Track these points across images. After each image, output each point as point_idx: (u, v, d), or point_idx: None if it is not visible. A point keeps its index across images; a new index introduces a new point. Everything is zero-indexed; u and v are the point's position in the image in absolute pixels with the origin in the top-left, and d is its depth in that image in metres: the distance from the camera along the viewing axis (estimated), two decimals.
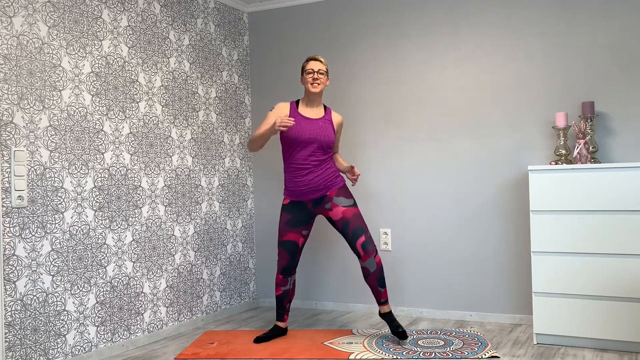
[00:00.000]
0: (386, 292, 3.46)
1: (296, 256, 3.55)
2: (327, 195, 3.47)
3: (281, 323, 3.65)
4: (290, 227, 3.52)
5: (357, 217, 3.44)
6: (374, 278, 3.42)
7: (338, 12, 4.40)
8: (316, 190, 3.45)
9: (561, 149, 3.53)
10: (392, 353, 3.25)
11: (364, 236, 3.41)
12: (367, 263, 3.41)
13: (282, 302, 3.63)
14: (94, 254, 3.32)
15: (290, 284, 3.62)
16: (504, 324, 3.86)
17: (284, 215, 3.55)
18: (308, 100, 3.52)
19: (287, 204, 3.55)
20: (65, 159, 3.17)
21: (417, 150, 4.13)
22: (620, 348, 3.23)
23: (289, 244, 3.53)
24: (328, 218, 3.50)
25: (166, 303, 3.80)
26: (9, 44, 2.91)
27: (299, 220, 3.52)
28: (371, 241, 3.43)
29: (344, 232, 3.44)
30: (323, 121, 3.49)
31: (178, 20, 3.99)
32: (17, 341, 2.90)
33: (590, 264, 3.26)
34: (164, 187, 3.81)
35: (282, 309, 3.63)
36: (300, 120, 3.47)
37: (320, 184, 3.44)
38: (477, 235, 3.96)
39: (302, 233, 3.54)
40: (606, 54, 3.61)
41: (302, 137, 3.42)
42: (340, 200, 3.46)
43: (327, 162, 3.50)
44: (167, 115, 3.86)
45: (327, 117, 3.53)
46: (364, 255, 3.40)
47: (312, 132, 3.43)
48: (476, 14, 3.96)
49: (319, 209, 3.51)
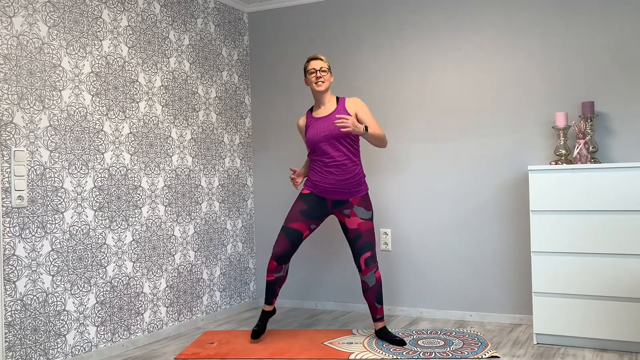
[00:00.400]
0: (382, 309, 3.49)
1: (296, 246, 3.50)
2: (350, 201, 3.46)
3: (268, 306, 3.59)
4: (302, 216, 3.47)
5: (370, 233, 3.45)
6: (372, 293, 3.44)
7: (338, 12, 4.40)
8: (341, 192, 3.43)
9: (561, 149, 3.53)
10: (392, 353, 3.25)
11: (370, 252, 3.43)
12: (367, 277, 3.43)
13: (273, 287, 3.56)
14: (94, 254, 3.32)
15: (284, 271, 3.55)
16: (504, 324, 3.86)
17: (299, 203, 3.51)
18: (317, 100, 3.53)
19: (306, 194, 3.51)
20: (65, 159, 3.17)
21: (417, 150, 4.13)
22: (620, 348, 3.23)
23: (293, 231, 3.48)
24: (342, 223, 3.50)
25: (166, 303, 3.80)
26: (9, 44, 2.91)
27: (313, 214, 3.49)
28: (374, 258, 3.45)
29: (352, 242, 3.45)
30: (336, 113, 3.45)
31: (178, 20, 3.99)
32: (17, 341, 2.90)
33: (590, 264, 3.25)
34: (164, 187, 3.81)
35: (272, 293, 3.57)
36: (314, 123, 3.47)
37: (345, 188, 3.43)
38: (477, 235, 3.96)
39: (310, 226, 3.51)
40: (606, 54, 3.61)
41: (318, 137, 3.42)
42: (360, 211, 3.45)
43: (355, 166, 3.45)
44: (167, 115, 3.86)
45: (340, 107, 3.48)
46: (365, 270, 3.42)
47: (325, 130, 3.42)
48: (476, 14, 3.96)
49: (337, 211, 3.50)
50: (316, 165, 3.48)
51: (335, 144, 3.41)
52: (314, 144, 3.45)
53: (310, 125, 3.49)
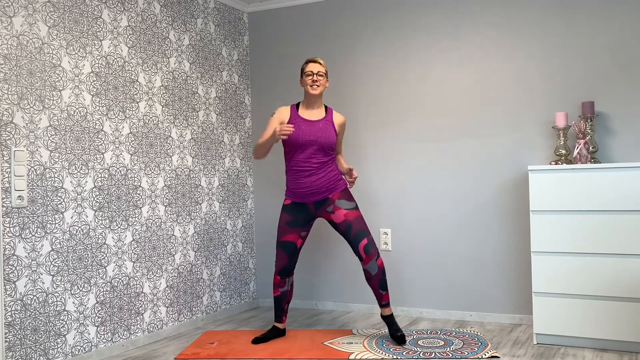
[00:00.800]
0: (388, 295, 3.47)
1: (294, 257, 3.55)
2: (330, 198, 3.47)
3: (279, 324, 3.65)
4: (290, 227, 3.52)
5: (359, 220, 3.45)
6: (375, 281, 3.43)
7: (338, 12, 4.40)
8: (318, 192, 3.45)
9: (561, 149, 3.53)
10: (392, 353, 3.25)
11: (366, 239, 3.41)
12: (369, 266, 3.41)
13: (280, 303, 3.62)
14: (94, 254, 3.32)
15: (288, 285, 3.61)
16: (504, 324, 3.86)
17: (284, 215, 3.54)
18: (308, 102, 3.52)
19: (288, 205, 3.54)
20: (65, 159, 3.17)
21: (417, 150, 4.13)
22: (620, 348, 3.23)
23: (287, 244, 3.52)
24: (330, 221, 3.50)
25: (166, 303, 3.80)
26: (9, 44, 2.91)
27: (299, 222, 3.52)
28: (373, 244, 3.43)
29: (346, 235, 3.45)
30: (324, 122, 3.48)
31: (178, 20, 3.99)
32: (17, 341, 2.90)
33: (590, 264, 3.25)
34: (164, 187, 3.81)
35: (280, 310, 3.63)
36: (300, 122, 3.46)
37: (322, 187, 3.44)
38: (477, 235, 3.96)
39: (300, 234, 3.54)
40: (606, 54, 3.61)
41: (302, 140, 3.42)
42: (342, 203, 3.46)
43: (329, 165, 3.49)
44: (167, 115, 3.86)
45: (328, 117, 3.52)
46: (366, 258, 3.41)
47: (312, 134, 3.43)
48: (476, 14, 3.96)
49: (321, 212, 3.50)
50: (292, 171, 3.48)
51: (317, 150, 3.43)
52: (296, 144, 3.44)
53: (294, 124, 3.47)
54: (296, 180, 3.46)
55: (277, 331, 3.63)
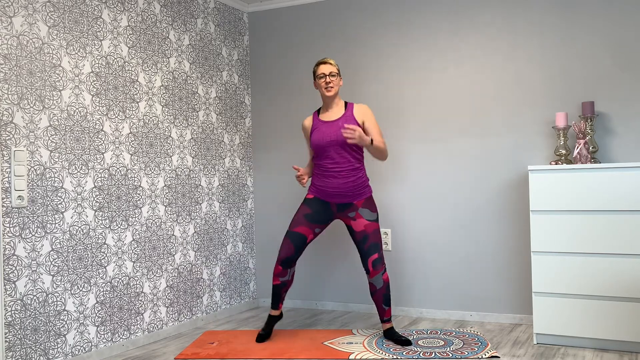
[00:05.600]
0: (390, 311, 3.49)
1: (301, 250, 3.52)
2: (354, 203, 3.46)
3: (275, 311, 3.62)
4: (307, 220, 3.50)
5: (376, 234, 3.45)
6: (380, 295, 3.44)
7: (338, 12, 4.40)
8: (344, 195, 3.44)
9: (561, 149, 3.53)
10: (392, 353, 3.25)
11: (377, 254, 3.43)
12: (374, 280, 3.43)
13: (279, 291, 3.59)
14: (94, 254, 3.32)
15: (290, 275, 3.58)
16: (504, 324, 3.86)
17: (304, 207, 3.53)
18: (325, 104, 3.53)
19: (311, 199, 3.53)
20: (65, 159, 3.17)
21: (417, 150, 4.13)
22: (620, 348, 3.23)
23: (298, 235, 3.50)
24: (348, 226, 3.50)
25: (166, 303, 3.80)
26: (9, 44, 2.91)
27: (317, 218, 3.51)
28: (382, 259, 3.44)
29: (359, 244, 3.45)
30: (343, 119, 3.46)
31: (178, 20, 3.99)
32: (17, 341, 2.90)
33: (590, 264, 3.25)
34: (164, 187, 3.81)
35: (278, 297, 3.60)
36: (320, 126, 3.48)
37: (348, 191, 3.43)
38: (477, 235, 3.96)
39: (315, 230, 3.52)
40: (606, 54, 3.61)
41: (323, 142, 3.43)
42: (365, 212, 3.45)
43: (359, 171, 3.46)
44: (167, 115, 3.86)
45: (348, 113, 3.47)
46: (373, 272, 3.42)
47: (331, 134, 3.42)
48: (476, 14, 3.96)
49: (342, 215, 3.50)
50: (320, 170, 3.49)
51: (340, 149, 3.42)
52: (318, 148, 3.45)
53: (316, 128, 3.49)
54: (323, 179, 3.46)
55: (274, 319, 3.62)
